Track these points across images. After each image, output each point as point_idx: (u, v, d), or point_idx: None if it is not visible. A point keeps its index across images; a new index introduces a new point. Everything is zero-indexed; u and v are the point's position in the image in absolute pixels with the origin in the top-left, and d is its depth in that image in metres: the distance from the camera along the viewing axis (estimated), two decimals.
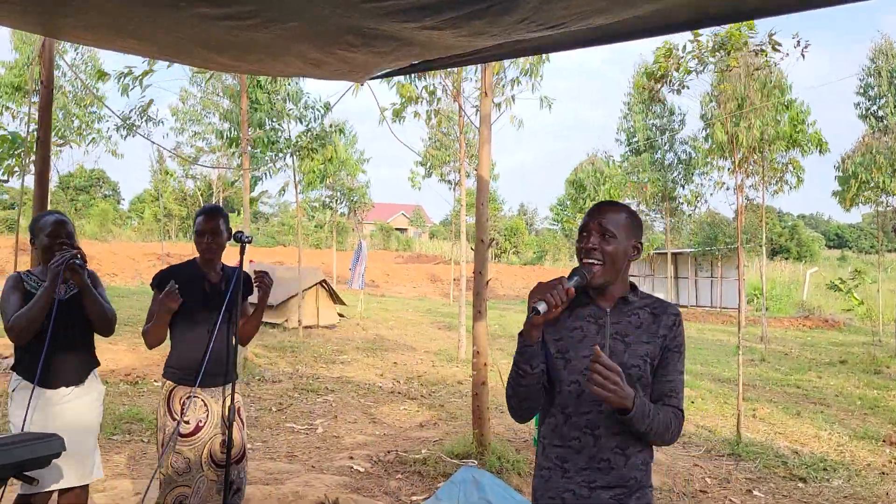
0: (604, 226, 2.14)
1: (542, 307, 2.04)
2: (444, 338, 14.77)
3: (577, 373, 2.13)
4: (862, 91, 24.42)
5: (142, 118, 10.01)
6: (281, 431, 7.04)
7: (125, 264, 26.57)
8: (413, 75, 10.86)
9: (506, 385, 2.24)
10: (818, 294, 27.87)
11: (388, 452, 6.17)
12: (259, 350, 11.36)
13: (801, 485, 6.19)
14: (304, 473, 5.48)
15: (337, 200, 22.15)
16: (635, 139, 23.99)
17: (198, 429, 3.39)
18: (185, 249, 29.44)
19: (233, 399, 3.41)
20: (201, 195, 27.08)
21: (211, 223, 3.47)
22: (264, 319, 14.23)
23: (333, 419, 7.57)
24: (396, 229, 58.13)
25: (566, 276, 2.12)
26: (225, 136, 11.85)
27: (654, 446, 2.21)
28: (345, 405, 8.27)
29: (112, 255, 27.50)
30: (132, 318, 14.24)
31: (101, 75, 6.70)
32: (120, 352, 10.30)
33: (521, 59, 10.72)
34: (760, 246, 18.11)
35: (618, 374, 1.96)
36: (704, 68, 7.43)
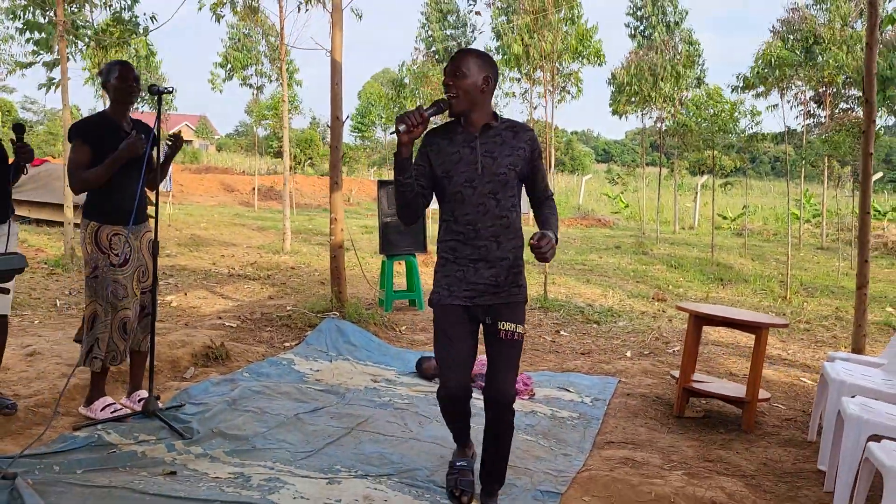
0: (456, 67, 2.77)
1: (402, 128, 2.65)
2: (262, 236, 15.03)
3: (458, 185, 2.84)
4: (632, 12, 27.19)
5: None
6: None
7: None
8: None
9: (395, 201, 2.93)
10: (591, 200, 31.21)
11: (253, 313, 6.71)
12: (75, 245, 10.99)
13: (595, 326, 7.66)
14: (180, 330, 5.88)
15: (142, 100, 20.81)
16: (433, 49, 24.86)
17: (126, 261, 3.83)
18: None
19: (156, 235, 3.85)
20: None
21: (134, 72, 3.83)
22: (55, 218, 13.55)
23: (183, 295, 7.87)
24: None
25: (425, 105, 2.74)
26: (21, 16, 10.29)
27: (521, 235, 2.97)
28: (189, 286, 8.54)
29: None
30: None
31: None
32: None
33: None
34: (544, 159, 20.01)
35: (547, 240, 2.67)
36: None
